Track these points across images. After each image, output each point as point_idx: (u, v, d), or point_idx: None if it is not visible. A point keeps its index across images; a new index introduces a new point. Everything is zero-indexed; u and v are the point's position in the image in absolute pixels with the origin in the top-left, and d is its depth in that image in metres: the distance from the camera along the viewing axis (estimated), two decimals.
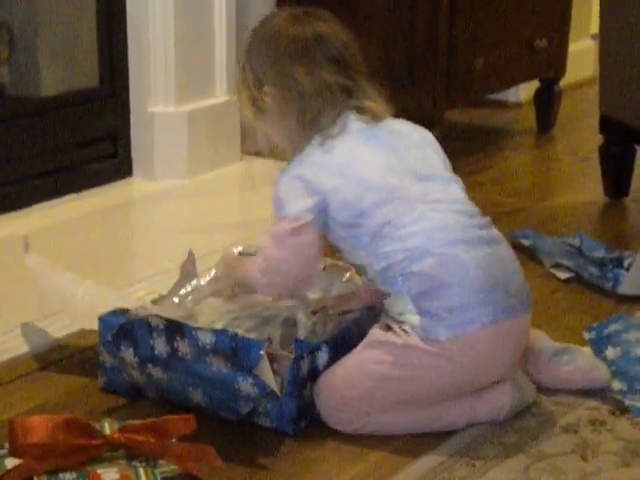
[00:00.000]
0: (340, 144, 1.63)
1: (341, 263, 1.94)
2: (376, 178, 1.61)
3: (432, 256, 1.57)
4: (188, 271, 1.85)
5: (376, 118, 1.65)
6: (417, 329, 1.58)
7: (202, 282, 1.84)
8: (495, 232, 1.66)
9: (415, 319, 1.58)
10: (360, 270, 1.69)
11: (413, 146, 1.67)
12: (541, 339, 1.75)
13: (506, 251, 1.65)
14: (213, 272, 1.87)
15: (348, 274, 1.87)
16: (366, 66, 1.65)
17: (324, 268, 1.89)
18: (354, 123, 1.63)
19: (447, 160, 1.71)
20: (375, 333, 1.63)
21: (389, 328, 1.61)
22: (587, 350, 1.81)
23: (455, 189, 1.66)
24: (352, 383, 1.60)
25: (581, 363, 1.73)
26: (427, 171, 1.65)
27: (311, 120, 1.63)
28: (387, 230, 1.59)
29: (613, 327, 1.90)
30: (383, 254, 1.60)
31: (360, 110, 1.64)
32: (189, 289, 1.82)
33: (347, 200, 1.60)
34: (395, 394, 1.60)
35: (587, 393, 1.73)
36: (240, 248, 1.93)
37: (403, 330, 1.59)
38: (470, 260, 1.58)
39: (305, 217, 1.61)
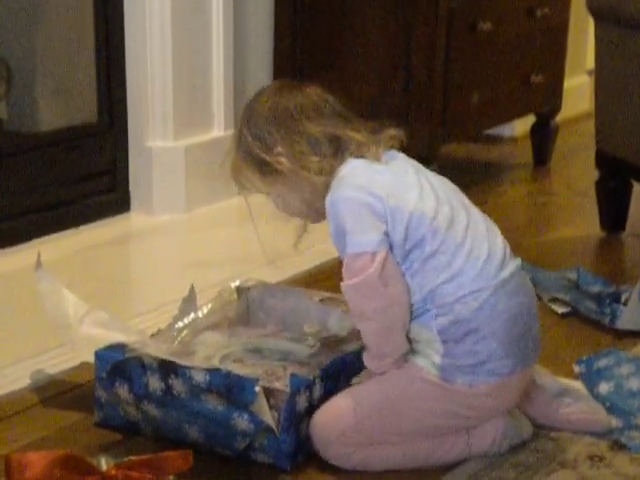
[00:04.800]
0: (383, 167, 1.60)
1: (337, 296, 1.95)
2: (429, 205, 1.57)
3: (476, 300, 1.56)
4: (187, 305, 1.85)
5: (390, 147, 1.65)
6: (433, 367, 1.58)
7: (199, 315, 1.84)
8: (527, 277, 1.64)
9: (436, 358, 1.57)
10: None
11: (437, 176, 1.66)
12: (543, 378, 1.74)
13: (533, 300, 1.63)
14: (210, 306, 1.87)
15: (343, 307, 1.87)
16: (363, 102, 1.64)
17: (321, 300, 1.89)
18: (384, 155, 1.62)
19: None
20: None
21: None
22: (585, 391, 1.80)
23: (476, 216, 1.64)
24: (349, 412, 1.59)
25: (583, 406, 1.72)
26: (460, 203, 1.62)
27: (331, 165, 1.60)
28: (438, 259, 1.56)
29: (604, 361, 1.90)
30: (427, 283, 1.56)
31: (372, 145, 1.63)
32: (186, 322, 1.82)
33: (409, 225, 1.56)
34: (393, 424, 1.59)
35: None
36: (237, 282, 1.93)
37: (415, 364, 1.59)
38: (506, 311, 1.57)
39: (380, 250, 1.55)
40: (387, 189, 1.57)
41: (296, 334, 1.85)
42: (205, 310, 1.85)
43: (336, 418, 1.60)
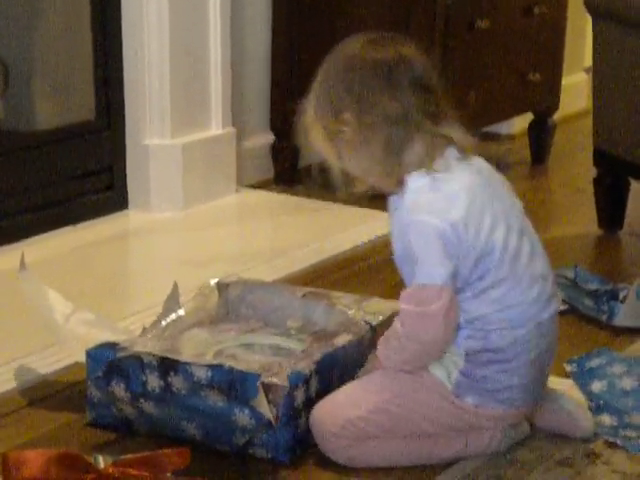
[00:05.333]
0: (458, 187, 1.52)
1: (320, 290, 1.94)
2: (500, 235, 1.53)
3: (513, 334, 1.55)
4: (170, 303, 1.85)
5: (466, 152, 1.56)
6: (448, 380, 1.57)
7: (182, 313, 1.84)
8: (557, 317, 1.63)
9: (454, 372, 1.57)
10: None
11: (508, 195, 1.61)
12: None
13: (557, 338, 1.64)
14: (191, 303, 1.87)
15: (327, 301, 1.87)
16: None
17: (303, 296, 1.89)
18: (455, 161, 1.54)
19: None
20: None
21: None
22: (576, 396, 1.78)
23: (538, 249, 1.62)
24: (354, 404, 1.59)
25: (564, 415, 1.69)
26: (525, 229, 1.59)
27: (399, 149, 1.51)
28: (495, 292, 1.54)
29: (596, 361, 1.90)
30: (477, 310, 1.55)
31: (449, 141, 1.54)
32: (169, 320, 1.82)
33: (478, 259, 1.52)
34: (393, 424, 1.59)
35: None
36: (216, 280, 1.93)
37: (429, 373, 1.58)
38: (535, 349, 1.57)
39: (449, 285, 1.51)
40: (464, 214, 1.51)
41: (280, 329, 1.85)
42: (187, 308, 1.85)
43: (339, 411, 1.59)
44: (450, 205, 1.51)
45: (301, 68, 2.93)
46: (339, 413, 1.59)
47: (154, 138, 2.67)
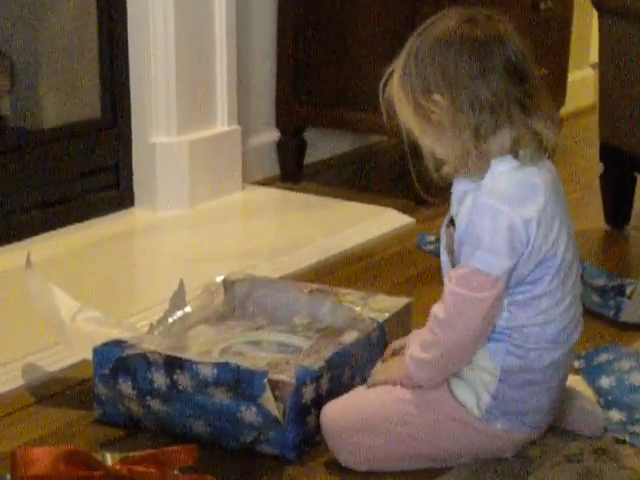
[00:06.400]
0: (539, 181, 1.48)
1: (327, 287, 1.95)
2: (563, 242, 1.50)
3: (549, 356, 1.54)
4: (176, 300, 1.85)
5: (546, 150, 1.51)
6: (477, 406, 1.54)
7: (188, 310, 1.84)
8: None
9: (485, 397, 1.54)
10: None
11: (566, 207, 1.56)
12: None
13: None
14: (198, 300, 1.87)
15: (333, 298, 1.87)
16: (368, 95, 1.52)
17: (310, 293, 1.89)
18: (532, 158, 1.49)
19: None
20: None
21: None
22: (585, 393, 1.78)
23: (578, 268, 1.58)
24: (375, 432, 1.56)
25: (574, 411, 1.69)
26: (575, 247, 1.55)
27: (486, 135, 1.46)
28: (542, 302, 1.51)
29: (604, 356, 1.90)
30: (520, 317, 1.52)
31: (536, 135, 1.49)
32: (176, 317, 1.82)
33: (540, 263, 1.49)
34: (413, 451, 1.57)
35: None
36: (222, 277, 1.93)
37: (456, 401, 1.55)
38: (562, 370, 1.58)
39: (503, 279, 1.47)
40: (539, 211, 1.47)
41: (287, 326, 1.85)
42: (193, 305, 1.86)
43: (358, 436, 1.57)
44: (528, 198, 1.47)
45: (307, 66, 2.93)
46: (358, 439, 1.56)
47: (160, 136, 2.67)
